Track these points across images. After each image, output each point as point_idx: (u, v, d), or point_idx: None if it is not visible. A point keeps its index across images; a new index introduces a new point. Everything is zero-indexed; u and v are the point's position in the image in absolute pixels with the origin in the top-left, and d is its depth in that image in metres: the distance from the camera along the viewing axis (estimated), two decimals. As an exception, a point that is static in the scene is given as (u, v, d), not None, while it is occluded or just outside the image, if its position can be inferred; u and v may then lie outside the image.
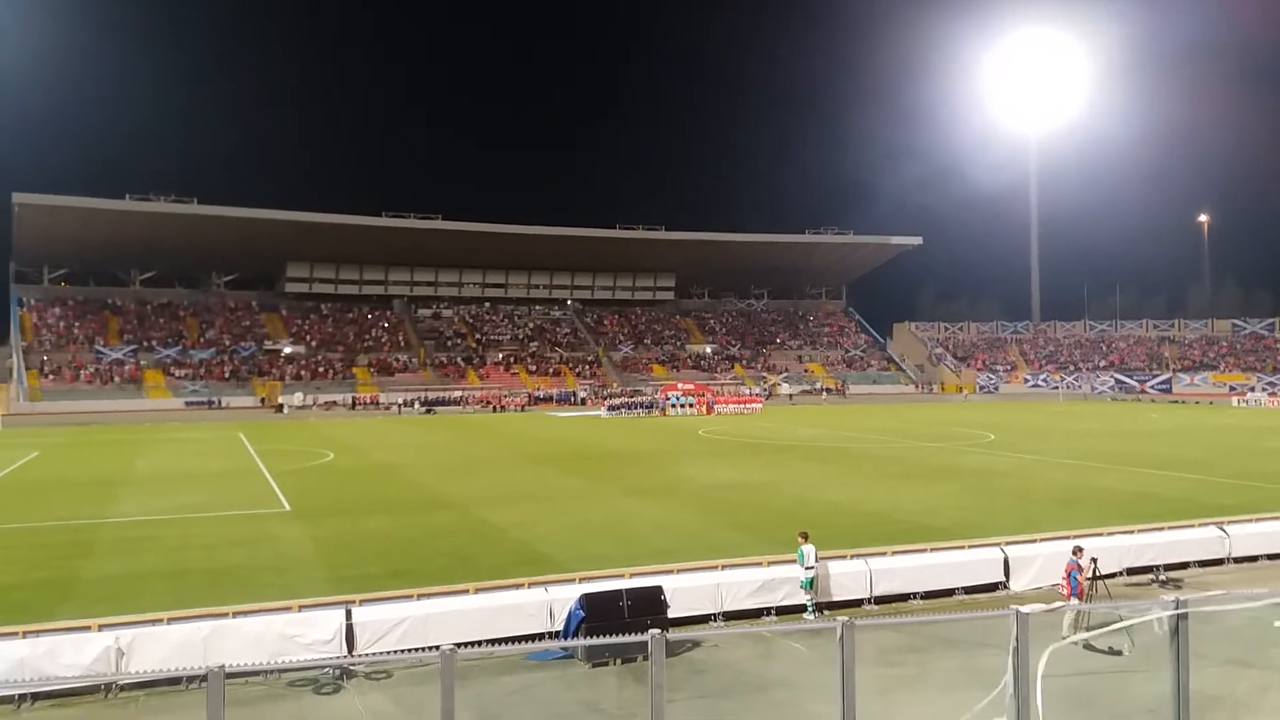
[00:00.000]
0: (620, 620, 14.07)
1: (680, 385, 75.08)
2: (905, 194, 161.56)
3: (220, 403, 77.80)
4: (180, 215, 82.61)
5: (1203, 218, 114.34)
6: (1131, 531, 20.64)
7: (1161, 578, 19.28)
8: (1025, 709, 8.90)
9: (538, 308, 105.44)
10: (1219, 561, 20.47)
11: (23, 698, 12.80)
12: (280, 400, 76.48)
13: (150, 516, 25.77)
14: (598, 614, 14.54)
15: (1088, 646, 14.83)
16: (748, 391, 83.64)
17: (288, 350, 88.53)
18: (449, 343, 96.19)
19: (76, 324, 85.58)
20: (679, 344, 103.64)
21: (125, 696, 13.19)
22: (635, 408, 68.69)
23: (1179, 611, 9.40)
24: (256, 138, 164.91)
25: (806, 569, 16.90)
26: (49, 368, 78.20)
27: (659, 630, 8.37)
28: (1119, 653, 14.24)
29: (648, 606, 15.02)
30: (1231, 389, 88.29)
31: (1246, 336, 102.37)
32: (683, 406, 68.11)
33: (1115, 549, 19.28)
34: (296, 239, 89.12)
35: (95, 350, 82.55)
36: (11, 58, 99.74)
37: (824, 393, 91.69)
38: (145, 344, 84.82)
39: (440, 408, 75.97)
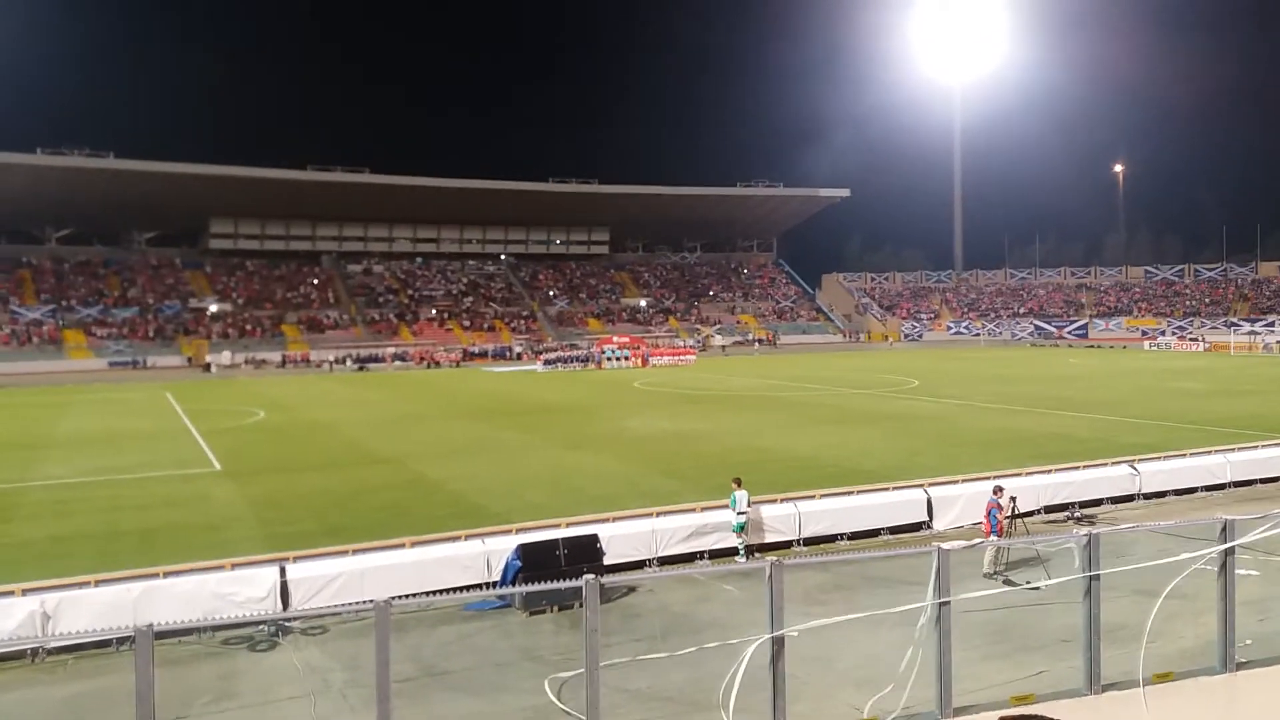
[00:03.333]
0: (557, 569, 14.27)
1: (615, 339, 75.27)
2: (833, 147, 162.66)
3: (145, 363, 75.74)
4: (96, 170, 79.59)
5: (1118, 168, 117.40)
6: (1049, 471, 21.48)
7: (1076, 514, 20.11)
8: (947, 641, 9.31)
9: (471, 263, 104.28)
10: (1130, 498, 21.41)
11: (-53, 664, 12.57)
12: (208, 359, 74.75)
13: (77, 479, 25.20)
14: (534, 563, 14.71)
15: (1006, 581, 15.49)
16: (682, 344, 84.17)
17: (214, 308, 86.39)
18: (380, 299, 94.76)
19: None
20: (614, 298, 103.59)
21: (54, 660, 13.03)
22: (571, 362, 68.71)
23: (1091, 545, 9.89)
24: (176, 90, 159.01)
25: (739, 514, 17.29)
26: (-40, 330, 75.28)
27: (593, 575, 8.54)
28: (1036, 587, 14.90)
29: (584, 554, 15.25)
30: (1144, 333, 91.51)
31: (1158, 282, 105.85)
32: (618, 360, 68.34)
33: (1033, 488, 20.05)
34: (219, 194, 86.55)
35: (11, 310, 79.60)
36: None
37: (756, 344, 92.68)
38: (64, 304, 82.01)
39: (373, 365, 75.03)
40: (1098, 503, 20.91)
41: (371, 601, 8.01)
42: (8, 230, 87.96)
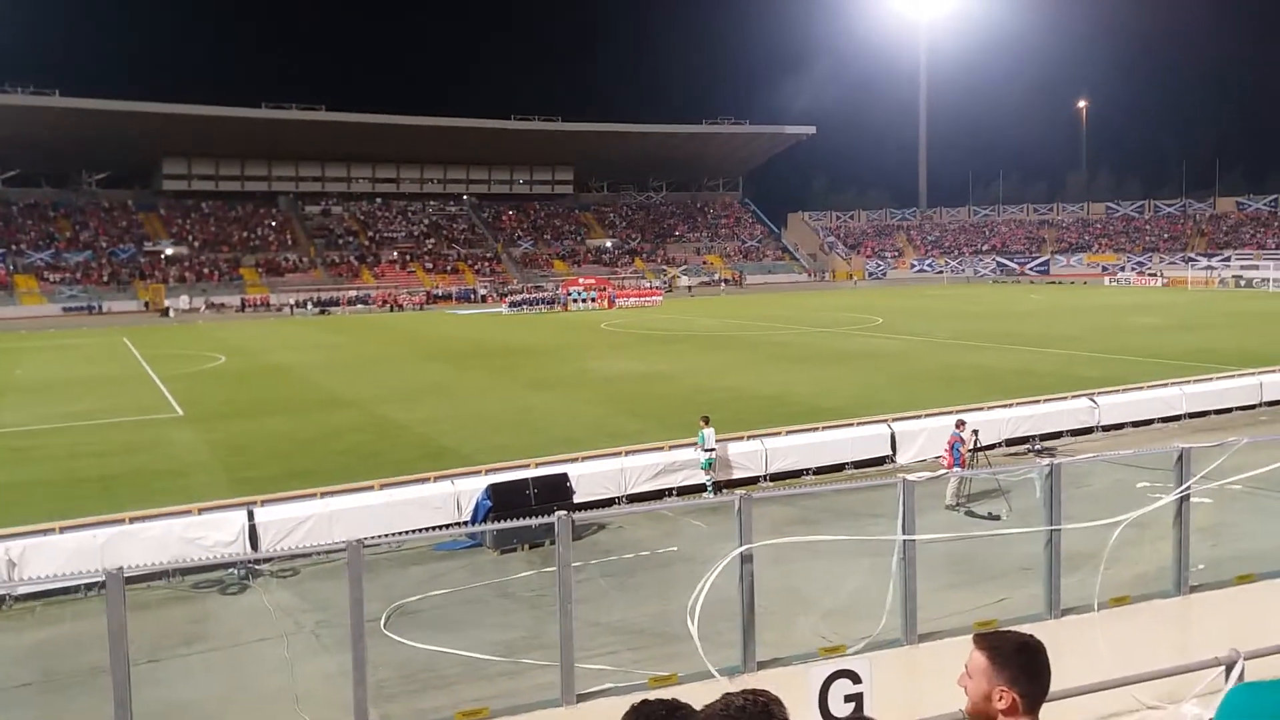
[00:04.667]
0: (527, 508, 14.32)
1: (581, 280, 74.88)
2: (799, 84, 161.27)
3: (101, 308, 74.28)
4: (40, 108, 77.03)
5: (1081, 104, 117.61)
6: (1010, 405, 21.83)
7: (1037, 447, 20.52)
8: (912, 569, 9.50)
9: (432, 203, 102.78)
10: (1089, 430, 21.87)
11: (-89, 613, 12.45)
12: (165, 304, 73.47)
13: (35, 426, 24.81)
14: (504, 503, 14.78)
15: (969, 513, 15.82)
16: (648, 285, 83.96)
17: (169, 251, 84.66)
18: (340, 241, 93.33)
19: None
20: (579, 239, 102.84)
21: (21, 607, 12.95)
22: (537, 304, 68.36)
23: (1052, 475, 10.08)
24: (124, 25, 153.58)
25: (706, 450, 17.43)
26: (-95, 276, 73.25)
27: (565, 512, 8.58)
28: (997, 517, 15.24)
29: (554, 493, 15.34)
30: (1104, 269, 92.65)
31: (1119, 219, 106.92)
32: (584, 301, 68.08)
33: (994, 422, 20.40)
34: (171, 133, 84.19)
35: (-44, 256, 77.53)
36: None
37: (722, 284, 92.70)
38: (14, 248, 79.91)
39: (334, 308, 74.21)
40: (1058, 435, 21.34)
41: (344, 542, 8.00)
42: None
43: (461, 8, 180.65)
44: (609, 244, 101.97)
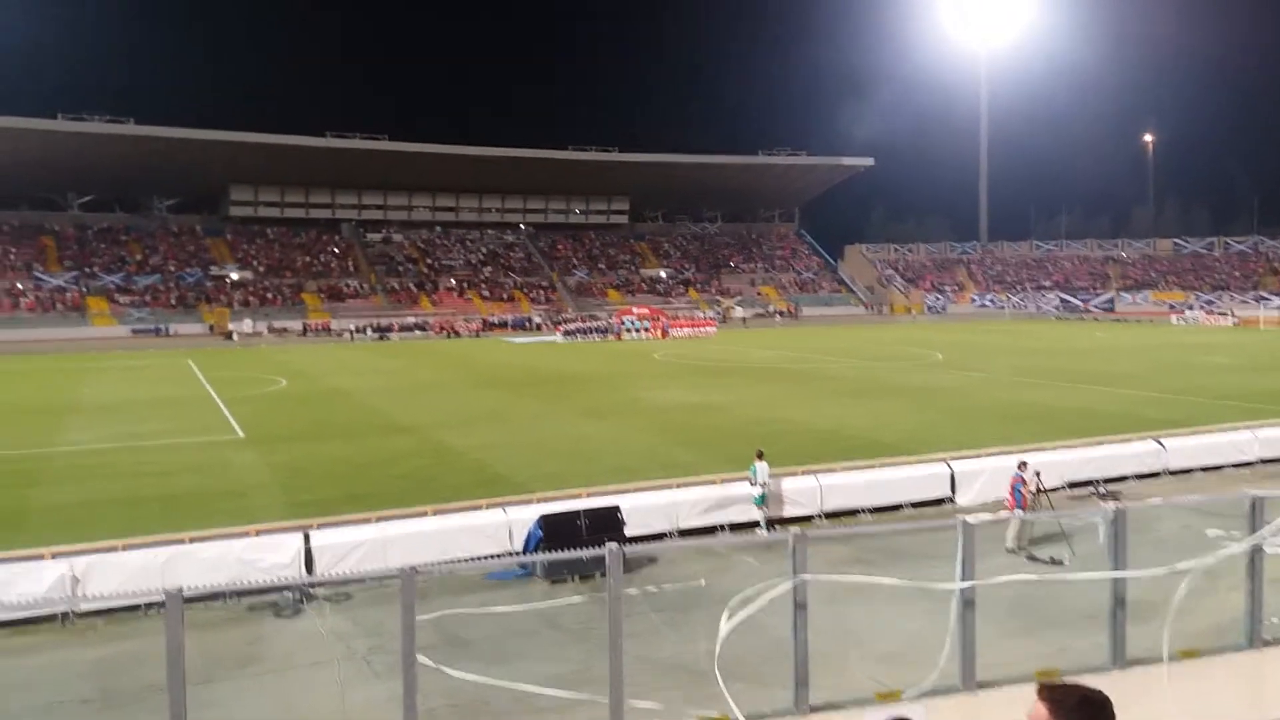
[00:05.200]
0: (578, 539, 14.29)
1: (635, 309, 75.09)
2: (857, 115, 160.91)
3: (168, 330, 76.27)
4: (116, 136, 79.71)
5: (1147, 137, 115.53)
6: (1073, 446, 21.30)
7: (1101, 490, 19.96)
8: (971, 615, 9.26)
9: (490, 232, 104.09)
10: (1156, 474, 21.22)
11: (-21, 626, 12.76)
12: (230, 327, 75.20)
13: (101, 445, 25.45)
14: (556, 534, 14.75)
15: (1030, 557, 15.41)
16: (702, 315, 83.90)
17: (235, 276, 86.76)
18: (400, 268, 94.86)
19: (13, 250, 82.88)
20: (633, 268, 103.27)
21: (83, 624, 13.20)
22: (590, 332, 68.64)
23: (1117, 520, 9.79)
24: (197, 55, 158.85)
25: (759, 485, 17.24)
26: (-14, 296, 75.95)
27: (616, 545, 8.52)
28: (1060, 562, 14.83)
29: (605, 525, 15.27)
30: (1171, 307, 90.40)
31: (1186, 255, 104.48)
32: (638, 331, 68.22)
33: (1057, 463, 19.88)
34: (239, 161, 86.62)
35: (35, 277, 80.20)
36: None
37: (777, 315, 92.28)
38: (87, 270, 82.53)
39: (393, 334, 75.29)
40: (1122, 478, 20.73)
41: (397, 569, 8.04)
42: (30, 197, 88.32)
43: (521, 41, 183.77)
44: (663, 274, 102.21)
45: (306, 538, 14.92)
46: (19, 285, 78.63)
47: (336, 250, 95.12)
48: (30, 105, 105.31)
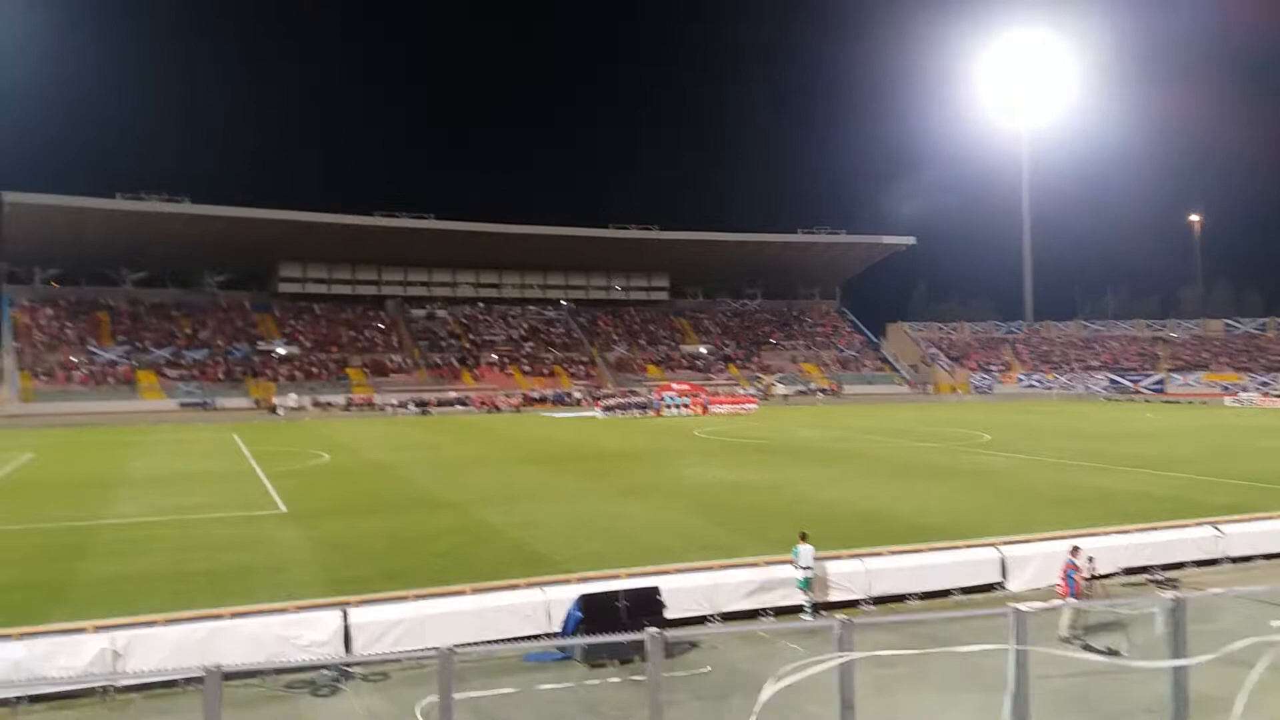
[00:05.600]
0: (617, 621, 14.06)
1: (675, 385, 75.06)
2: (898, 194, 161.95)
3: (214, 404, 77.55)
4: (171, 214, 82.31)
5: (1194, 217, 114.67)
6: (1127, 531, 20.69)
7: (1158, 577, 19.31)
8: (1024, 708, 8.91)
9: (532, 308, 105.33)
10: (1214, 561, 20.52)
11: (19, 700, 12.75)
12: (275, 401, 76.26)
13: (146, 518, 25.68)
14: (595, 615, 14.52)
15: (1086, 646, 14.87)
16: (742, 392, 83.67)
17: (281, 351, 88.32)
18: (443, 343, 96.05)
19: (69, 325, 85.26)
20: (673, 344, 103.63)
21: (122, 699, 13.14)
22: (630, 408, 68.64)
23: (1177, 610, 9.41)
24: (249, 136, 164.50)
25: (803, 569, 16.90)
26: (41, 369, 77.89)
27: (656, 629, 8.34)
28: (1117, 652, 14.27)
29: (645, 607, 15.01)
30: (1225, 388, 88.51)
31: (1239, 336, 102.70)
32: (678, 407, 68.09)
33: (1111, 549, 19.32)
34: (289, 239, 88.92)
35: (88, 351, 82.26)
36: (3, 57, 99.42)
37: (819, 393, 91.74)
38: (138, 345, 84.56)
39: (435, 408, 75.84)
40: (1180, 565, 20.06)
41: (434, 649, 7.93)
42: (88, 273, 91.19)
43: (562, 125, 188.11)
44: (703, 350, 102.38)
45: (345, 615, 14.83)
46: (73, 359, 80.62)
47: (381, 326, 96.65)
48: (91, 185, 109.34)
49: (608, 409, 68.03)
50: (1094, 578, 16.54)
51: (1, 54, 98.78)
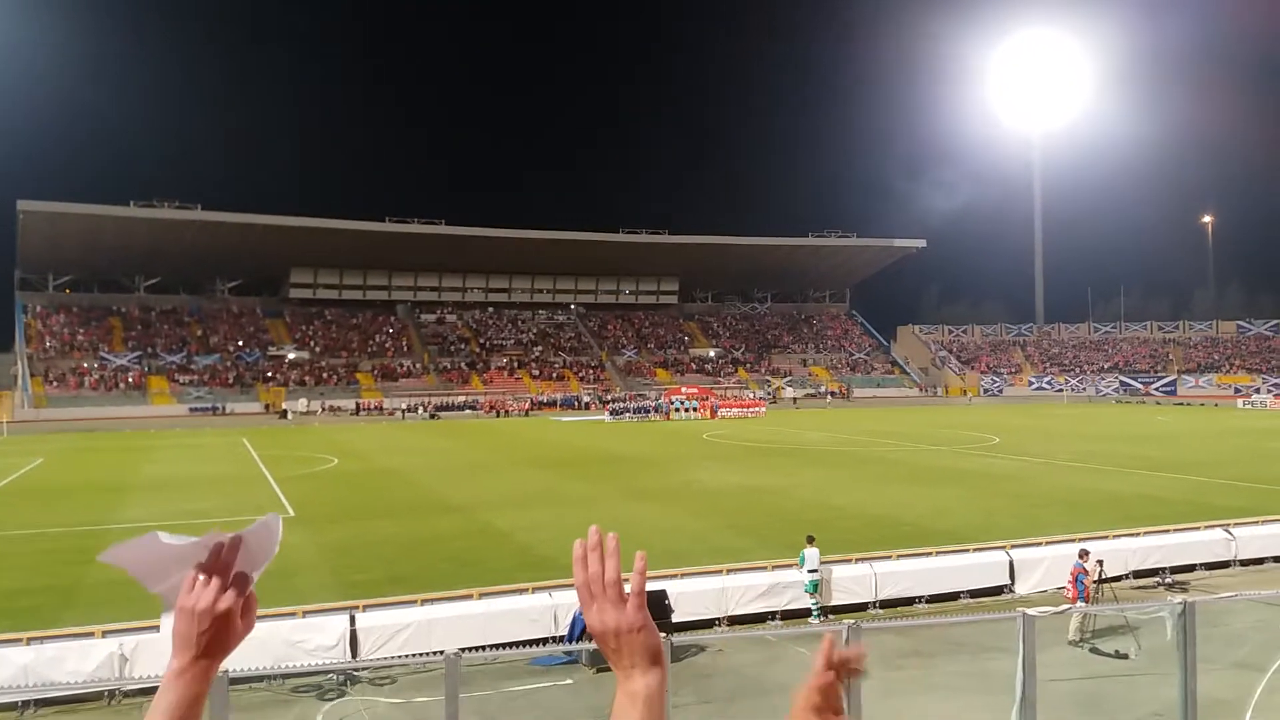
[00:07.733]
0: (625, 625, 14.01)
1: (684, 389, 74.99)
2: (909, 196, 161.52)
3: (224, 409, 77.82)
4: (184, 221, 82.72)
5: (1207, 219, 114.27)
6: (1137, 534, 20.59)
7: (1167, 580, 19.20)
8: (1032, 711, 8.87)
9: (541, 312, 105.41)
10: (1225, 564, 20.39)
11: (26, 704, 12.79)
12: (284, 406, 76.48)
13: (156, 522, 25.68)
14: (602, 619, 14.48)
15: (1094, 650, 14.79)
16: (751, 395, 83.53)
17: (291, 356, 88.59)
18: (452, 348, 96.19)
19: (81, 331, 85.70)
20: (682, 348, 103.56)
21: (129, 703, 13.17)
22: (639, 412, 68.60)
23: (1186, 614, 9.36)
24: (260, 143, 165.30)
25: (809, 572, 16.85)
26: (54, 374, 78.33)
27: (664, 634, 8.33)
28: (1125, 656, 14.20)
29: (652, 611, 14.80)
30: (1236, 391, 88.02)
31: (1251, 338, 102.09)
32: (686, 410, 68.00)
33: (1121, 552, 19.21)
34: (300, 245, 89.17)
35: (100, 357, 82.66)
36: (16, 65, 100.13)
37: (828, 396, 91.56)
38: (150, 350, 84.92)
39: (444, 413, 75.94)
40: (1190, 568, 19.94)
41: (441, 653, 7.93)
42: (100, 280, 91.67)
43: (571, 130, 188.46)
44: (712, 353, 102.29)
45: (352, 619, 14.84)
46: (85, 364, 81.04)
47: (391, 330, 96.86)
48: (105, 193, 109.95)
49: (616, 413, 68.01)
50: (1102, 581, 16.46)
51: (17, 64, 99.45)
